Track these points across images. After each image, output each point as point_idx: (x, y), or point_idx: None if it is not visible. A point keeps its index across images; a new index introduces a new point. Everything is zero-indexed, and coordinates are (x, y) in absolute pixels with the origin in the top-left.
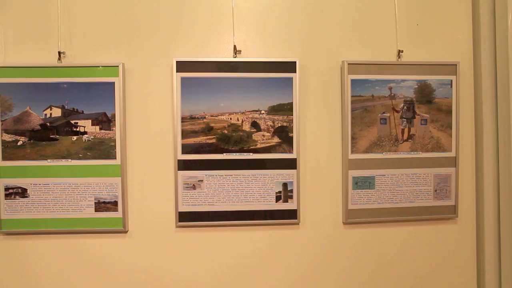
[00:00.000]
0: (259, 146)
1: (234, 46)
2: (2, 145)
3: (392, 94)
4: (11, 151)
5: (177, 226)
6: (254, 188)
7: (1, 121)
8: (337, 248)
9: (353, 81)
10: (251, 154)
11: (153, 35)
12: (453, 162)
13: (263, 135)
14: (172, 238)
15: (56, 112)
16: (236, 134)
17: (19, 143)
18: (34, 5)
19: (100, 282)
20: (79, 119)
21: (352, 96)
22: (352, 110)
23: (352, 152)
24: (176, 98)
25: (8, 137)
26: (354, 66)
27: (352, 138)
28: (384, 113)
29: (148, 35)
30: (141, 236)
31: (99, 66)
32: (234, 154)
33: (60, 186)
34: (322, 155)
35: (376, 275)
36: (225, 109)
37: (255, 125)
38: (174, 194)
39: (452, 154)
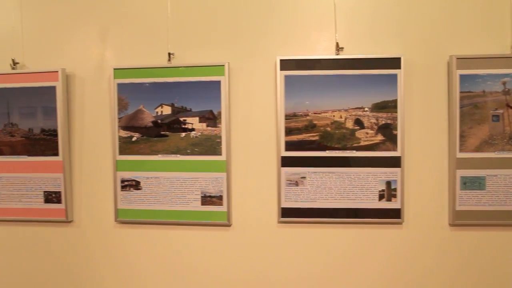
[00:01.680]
0: (362, 143)
1: (337, 44)
2: (118, 141)
3: (506, 89)
4: (127, 146)
5: (279, 222)
6: (357, 186)
7: (118, 118)
8: (442, 250)
9: (462, 76)
10: (354, 151)
11: (257, 34)
12: None
13: (367, 133)
14: (274, 233)
15: (167, 110)
16: (339, 131)
17: (133, 139)
18: (145, 11)
19: (204, 273)
20: (187, 117)
21: (460, 92)
22: (461, 106)
23: (461, 150)
24: (279, 96)
25: (124, 134)
26: (463, 61)
27: (461, 136)
28: (496, 109)
29: (252, 35)
30: (244, 230)
31: (205, 66)
32: (337, 151)
33: (170, 180)
34: (428, 153)
35: (486, 282)
36: (328, 107)
37: (358, 122)
38: (276, 190)
39: None
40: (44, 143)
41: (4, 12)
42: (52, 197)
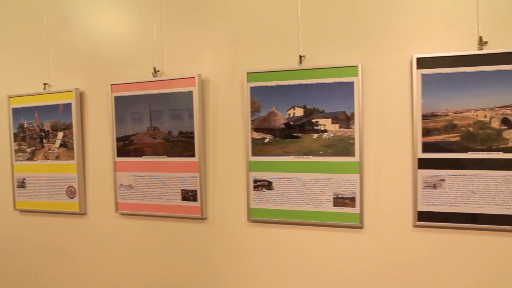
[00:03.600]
0: (510, 144)
1: (480, 38)
2: (252, 143)
3: None
4: (259, 148)
5: (415, 225)
6: (504, 191)
7: (251, 121)
8: None
9: None
10: (501, 153)
11: (390, 33)
12: None
13: None
14: (409, 237)
15: (299, 112)
16: (483, 131)
17: (266, 141)
18: (275, 15)
19: (334, 275)
20: (319, 118)
21: None
22: None
23: None
24: (416, 95)
25: (256, 135)
26: None
27: None
28: None
29: (385, 33)
30: (377, 232)
31: (338, 67)
32: (480, 153)
33: (302, 181)
34: None
35: None
36: (471, 106)
37: (506, 122)
38: (412, 192)
39: None
40: (182, 144)
41: (147, 26)
42: (188, 195)
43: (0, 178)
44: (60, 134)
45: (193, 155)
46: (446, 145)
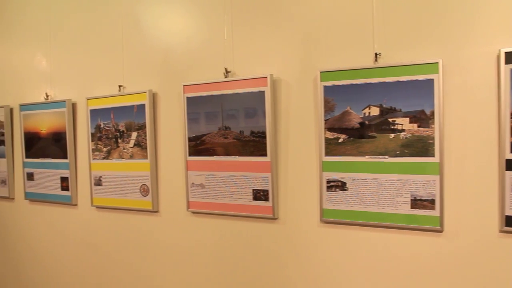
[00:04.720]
0: None
1: None
2: (325, 142)
3: None
4: (333, 148)
5: (501, 231)
6: None
7: (325, 120)
8: None
9: None
10: None
11: (473, 26)
12: None
13: None
14: (494, 243)
15: (374, 111)
16: None
17: (340, 140)
18: (349, 12)
19: (410, 279)
20: (396, 117)
21: None
22: None
23: None
24: (504, 93)
25: (330, 135)
26: None
27: None
28: None
29: (468, 27)
30: (458, 237)
31: (417, 64)
32: None
33: (377, 182)
34: None
35: None
36: None
37: None
38: (498, 195)
39: None
40: (253, 144)
41: (218, 27)
42: (260, 195)
43: (80, 176)
44: (134, 134)
45: (265, 154)
46: None
